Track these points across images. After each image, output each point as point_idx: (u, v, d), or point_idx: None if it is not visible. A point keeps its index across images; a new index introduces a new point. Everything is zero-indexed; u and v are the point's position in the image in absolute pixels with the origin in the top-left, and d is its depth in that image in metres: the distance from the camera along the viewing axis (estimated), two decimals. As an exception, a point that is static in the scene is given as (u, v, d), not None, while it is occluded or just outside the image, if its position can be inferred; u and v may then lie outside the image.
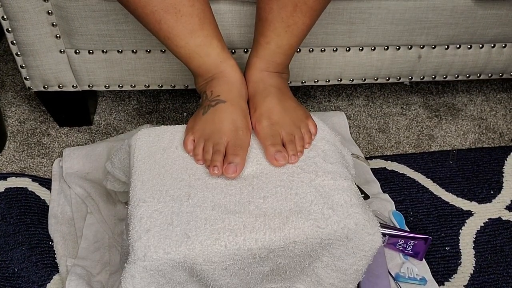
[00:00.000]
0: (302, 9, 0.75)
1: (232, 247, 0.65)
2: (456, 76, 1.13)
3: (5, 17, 0.90)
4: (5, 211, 0.93)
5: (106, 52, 0.97)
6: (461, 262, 0.93)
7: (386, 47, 1.04)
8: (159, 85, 1.05)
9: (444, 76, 1.13)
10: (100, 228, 0.91)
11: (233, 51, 0.99)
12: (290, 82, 1.08)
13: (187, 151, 0.76)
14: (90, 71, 1.00)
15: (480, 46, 1.08)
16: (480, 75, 1.14)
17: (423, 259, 0.92)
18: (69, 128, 1.13)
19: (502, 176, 1.09)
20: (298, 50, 1.01)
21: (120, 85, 1.03)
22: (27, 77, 1.00)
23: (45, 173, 1.03)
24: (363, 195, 0.97)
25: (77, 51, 0.97)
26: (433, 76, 1.12)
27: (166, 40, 0.77)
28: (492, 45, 1.08)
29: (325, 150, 0.77)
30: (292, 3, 0.74)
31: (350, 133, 1.16)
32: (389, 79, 1.11)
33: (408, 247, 0.91)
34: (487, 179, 1.08)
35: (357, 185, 0.79)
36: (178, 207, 0.68)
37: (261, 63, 0.81)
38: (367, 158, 1.10)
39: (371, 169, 1.06)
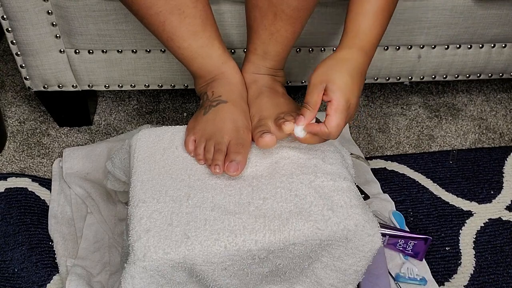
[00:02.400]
0: (282, 18, 0.76)
1: (231, 247, 0.65)
2: (456, 76, 1.13)
3: (5, 17, 0.90)
4: (5, 211, 0.93)
5: (106, 52, 0.97)
6: (461, 262, 0.93)
7: (385, 47, 1.04)
8: (159, 85, 1.05)
9: (444, 76, 1.12)
10: (100, 228, 0.91)
11: (232, 51, 0.99)
12: (290, 82, 1.07)
13: (188, 152, 0.76)
14: (90, 71, 1.00)
15: (480, 46, 1.08)
16: (480, 75, 1.14)
17: (423, 259, 0.92)
18: (69, 128, 1.13)
19: (502, 176, 1.08)
20: (298, 50, 1.01)
21: (120, 85, 1.03)
22: (27, 77, 1.00)
23: (45, 173, 1.03)
24: (363, 195, 0.97)
25: (77, 51, 0.97)
26: (433, 76, 1.12)
27: (168, 42, 0.77)
28: (492, 45, 1.08)
29: (324, 151, 0.77)
30: (272, 12, 0.75)
31: (350, 133, 1.16)
32: (389, 79, 1.11)
33: (408, 247, 0.91)
34: (487, 179, 1.08)
35: (357, 186, 0.79)
36: (178, 207, 0.68)
37: (251, 67, 0.83)
38: (367, 158, 1.10)
39: (371, 169, 1.06)
